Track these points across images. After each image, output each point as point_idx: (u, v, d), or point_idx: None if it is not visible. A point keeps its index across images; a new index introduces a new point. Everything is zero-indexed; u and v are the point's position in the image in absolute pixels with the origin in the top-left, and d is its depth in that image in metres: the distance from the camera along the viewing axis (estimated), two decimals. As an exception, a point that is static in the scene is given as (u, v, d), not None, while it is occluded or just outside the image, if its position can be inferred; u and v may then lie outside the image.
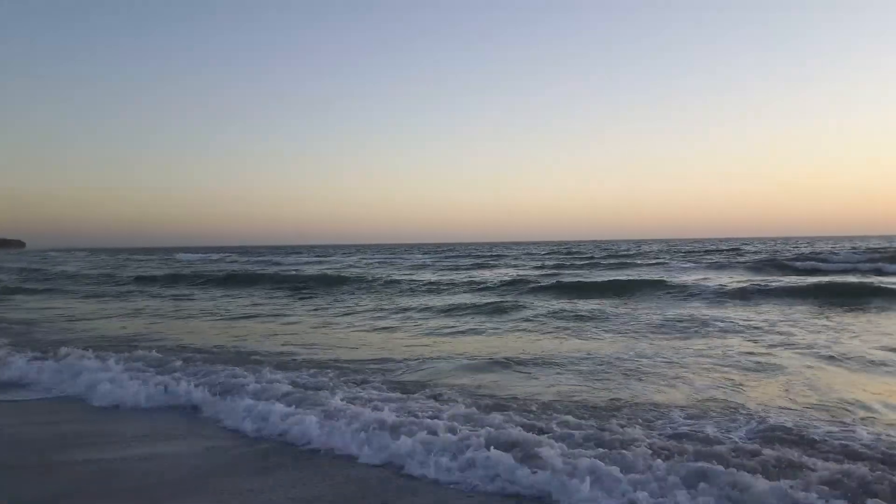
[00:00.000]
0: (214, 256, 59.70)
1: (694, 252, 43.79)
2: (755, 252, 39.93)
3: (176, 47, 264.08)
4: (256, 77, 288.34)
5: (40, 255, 79.47)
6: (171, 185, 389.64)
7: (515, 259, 40.60)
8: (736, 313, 12.05)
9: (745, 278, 19.73)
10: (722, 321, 10.78)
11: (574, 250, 57.41)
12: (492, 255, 47.61)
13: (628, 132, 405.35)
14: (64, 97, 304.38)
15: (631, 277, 20.29)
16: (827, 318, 11.16)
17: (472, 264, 34.68)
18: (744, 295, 14.84)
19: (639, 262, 31.78)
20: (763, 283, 16.58)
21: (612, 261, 33.45)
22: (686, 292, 15.91)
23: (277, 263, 41.06)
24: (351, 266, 35.12)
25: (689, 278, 19.86)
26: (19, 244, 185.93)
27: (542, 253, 51.96)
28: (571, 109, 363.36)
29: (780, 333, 9.36)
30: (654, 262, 31.50)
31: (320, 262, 41.58)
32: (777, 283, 16.53)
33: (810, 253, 34.02)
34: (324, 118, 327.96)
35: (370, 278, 23.03)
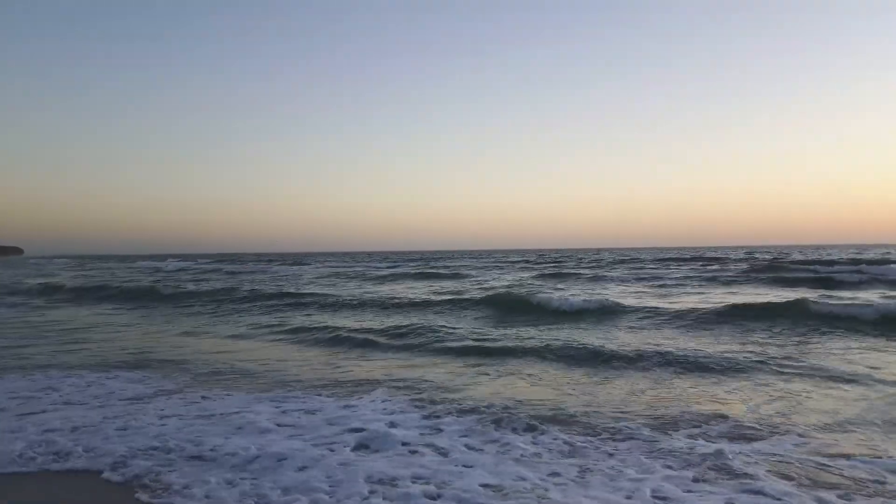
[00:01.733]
0: (160, 264, 56.44)
1: (690, 261, 39.80)
2: (744, 260, 35.93)
3: (175, 52, 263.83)
4: (257, 81, 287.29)
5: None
6: (171, 190, 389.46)
7: (485, 270, 36.74)
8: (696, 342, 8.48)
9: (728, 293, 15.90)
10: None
11: (563, 259, 53.42)
12: (461, 266, 43.73)
13: (629, 139, 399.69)
14: (63, 101, 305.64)
15: (599, 294, 16.54)
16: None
17: (417, 273, 30.67)
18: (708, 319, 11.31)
19: (624, 272, 28.14)
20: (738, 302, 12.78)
21: (597, 271, 29.62)
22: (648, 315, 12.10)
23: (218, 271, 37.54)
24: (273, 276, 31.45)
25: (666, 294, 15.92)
26: (17, 251, 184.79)
27: (526, 261, 48.23)
28: (570, 115, 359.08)
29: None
30: (642, 272, 27.68)
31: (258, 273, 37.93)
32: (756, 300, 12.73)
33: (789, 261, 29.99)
34: (319, 123, 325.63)
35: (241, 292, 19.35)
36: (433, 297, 16.47)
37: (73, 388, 6.51)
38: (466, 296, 16.39)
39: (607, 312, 12.53)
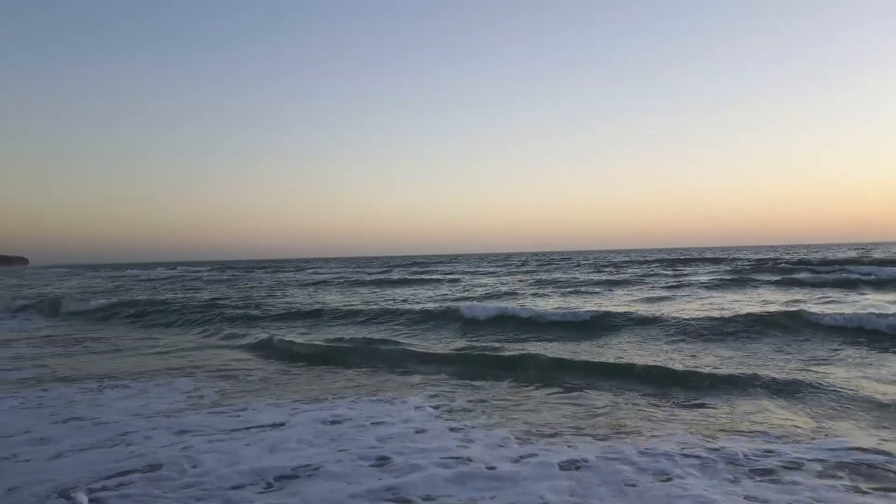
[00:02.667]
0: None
1: (695, 262, 38.10)
2: (746, 260, 34.17)
3: (178, 60, 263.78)
4: (264, 84, 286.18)
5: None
6: (174, 199, 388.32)
7: (477, 275, 35.09)
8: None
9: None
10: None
11: (563, 261, 51.73)
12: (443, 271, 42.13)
13: (634, 140, 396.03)
14: (68, 111, 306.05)
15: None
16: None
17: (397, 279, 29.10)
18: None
19: (625, 275, 26.55)
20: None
21: (592, 276, 27.94)
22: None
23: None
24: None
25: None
26: (22, 261, 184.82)
27: (524, 263, 46.61)
28: (570, 118, 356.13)
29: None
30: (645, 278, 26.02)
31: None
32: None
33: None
34: (323, 125, 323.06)
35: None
36: (395, 307, 14.88)
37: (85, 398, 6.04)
38: (432, 305, 14.78)
39: (597, 323, 10.97)
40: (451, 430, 4.70)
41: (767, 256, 44.07)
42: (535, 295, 18.10)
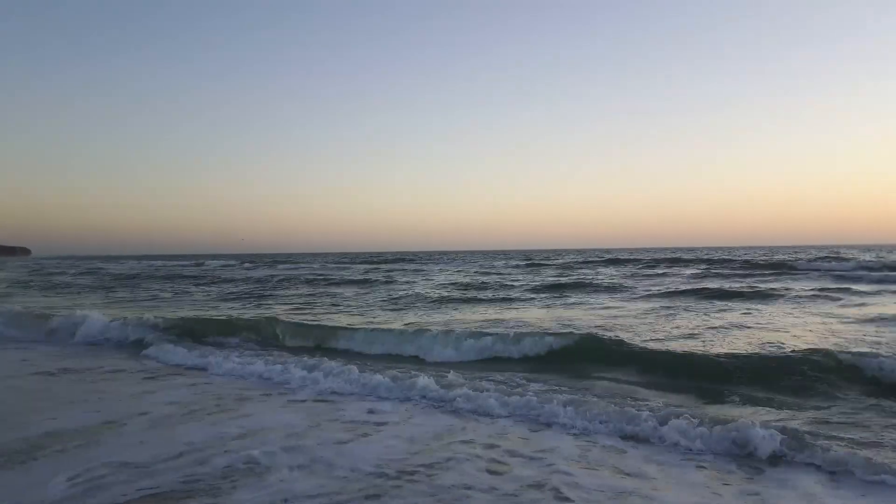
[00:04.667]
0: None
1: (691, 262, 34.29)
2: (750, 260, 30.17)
3: (181, 53, 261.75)
4: (263, 83, 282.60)
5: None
6: (178, 190, 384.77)
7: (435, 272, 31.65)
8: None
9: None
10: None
11: (545, 262, 48.09)
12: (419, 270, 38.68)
13: (628, 142, 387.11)
14: (70, 103, 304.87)
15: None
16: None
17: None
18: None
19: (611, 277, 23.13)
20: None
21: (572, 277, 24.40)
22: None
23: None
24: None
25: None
26: (25, 251, 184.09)
27: (506, 261, 42.85)
28: (570, 118, 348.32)
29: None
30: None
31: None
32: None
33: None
34: (323, 125, 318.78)
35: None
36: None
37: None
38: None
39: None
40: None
41: (773, 258, 40.00)
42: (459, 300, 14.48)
